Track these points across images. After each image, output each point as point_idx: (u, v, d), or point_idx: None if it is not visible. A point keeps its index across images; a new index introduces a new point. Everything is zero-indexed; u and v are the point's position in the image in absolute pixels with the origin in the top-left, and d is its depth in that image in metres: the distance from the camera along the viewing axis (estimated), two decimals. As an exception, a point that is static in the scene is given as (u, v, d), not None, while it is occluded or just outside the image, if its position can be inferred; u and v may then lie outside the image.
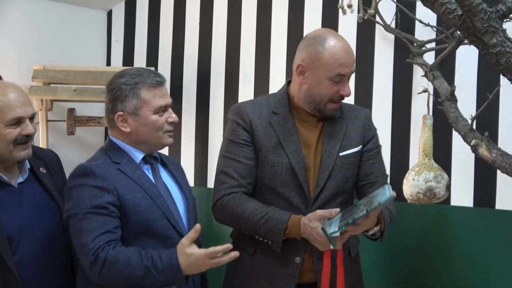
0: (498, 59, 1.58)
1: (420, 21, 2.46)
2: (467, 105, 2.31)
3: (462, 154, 2.38)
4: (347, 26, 2.77)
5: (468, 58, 2.40)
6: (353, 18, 2.59)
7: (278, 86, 2.30)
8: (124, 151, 1.87)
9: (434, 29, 2.45)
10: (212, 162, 3.36)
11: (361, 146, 2.04)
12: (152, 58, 3.76)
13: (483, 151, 1.94)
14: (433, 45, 2.47)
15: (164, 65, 3.68)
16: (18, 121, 1.85)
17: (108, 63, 3.98)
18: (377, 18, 2.51)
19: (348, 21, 2.73)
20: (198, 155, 3.50)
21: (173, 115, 1.88)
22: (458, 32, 2.16)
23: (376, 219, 1.86)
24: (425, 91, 2.37)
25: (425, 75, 2.34)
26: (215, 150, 2.71)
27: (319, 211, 1.85)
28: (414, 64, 2.50)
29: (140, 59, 3.84)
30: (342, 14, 2.44)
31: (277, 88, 2.15)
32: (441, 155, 2.42)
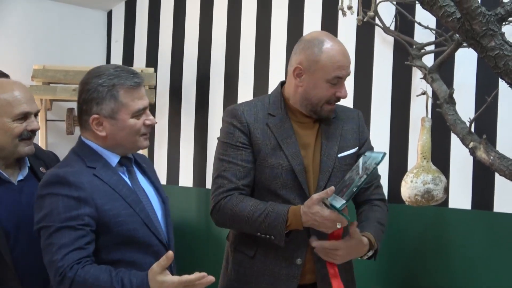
0: (497, 62, 1.57)
1: (420, 24, 2.46)
2: (466, 108, 2.32)
3: (460, 156, 2.38)
4: (346, 28, 2.78)
5: (467, 61, 2.41)
6: (352, 19, 2.59)
7: (277, 87, 2.30)
8: (100, 155, 1.76)
9: (433, 31, 2.45)
10: (211, 163, 3.33)
11: (357, 148, 2.05)
12: (152, 59, 3.77)
13: (481, 153, 1.94)
14: (432, 47, 2.47)
15: (164, 66, 3.68)
16: (25, 116, 1.89)
17: (108, 63, 3.98)
18: (377, 21, 2.52)
19: (347, 23, 2.73)
20: (197, 156, 3.50)
21: (150, 117, 1.78)
22: (457, 35, 2.16)
23: (368, 245, 1.88)
24: (423, 93, 2.38)
25: (424, 78, 2.34)
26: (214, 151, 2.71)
27: (314, 195, 1.82)
28: (413, 67, 2.50)
29: (140, 59, 3.84)
30: (342, 16, 2.44)
31: (277, 89, 2.15)
32: (440, 157, 2.42)
